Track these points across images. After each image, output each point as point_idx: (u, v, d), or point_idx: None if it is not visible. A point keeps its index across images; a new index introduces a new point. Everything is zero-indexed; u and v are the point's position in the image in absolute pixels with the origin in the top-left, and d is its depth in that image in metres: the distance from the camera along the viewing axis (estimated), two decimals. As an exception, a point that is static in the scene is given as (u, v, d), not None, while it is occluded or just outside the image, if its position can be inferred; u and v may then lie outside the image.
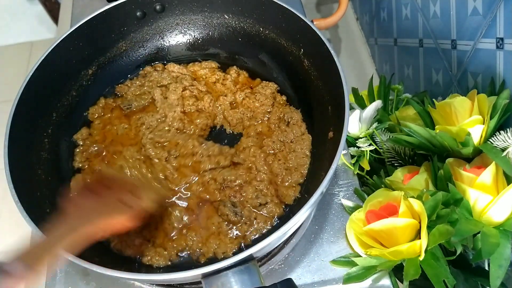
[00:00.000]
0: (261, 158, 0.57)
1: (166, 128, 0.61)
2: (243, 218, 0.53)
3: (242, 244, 0.52)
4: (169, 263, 0.51)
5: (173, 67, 0.68)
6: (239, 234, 0.52)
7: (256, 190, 0.54)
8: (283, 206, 0.54)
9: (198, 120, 0.62)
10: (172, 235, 0.53)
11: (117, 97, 0.66)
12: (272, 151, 0.58)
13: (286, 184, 0.55)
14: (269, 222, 0.53)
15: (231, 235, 0.52)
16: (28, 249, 0.35)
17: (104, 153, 0.60)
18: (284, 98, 0.64)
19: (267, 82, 0.65)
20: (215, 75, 0.67)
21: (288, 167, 0.56)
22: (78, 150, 0.60)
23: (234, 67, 0.68)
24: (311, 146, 0.58)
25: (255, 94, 0.64)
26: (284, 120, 0.61)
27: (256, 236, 0.52)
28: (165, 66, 0.69)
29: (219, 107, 0.64)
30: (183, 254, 0.52)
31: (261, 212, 0.53)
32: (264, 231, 0.52)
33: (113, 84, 0.68)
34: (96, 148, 0.60)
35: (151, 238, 0.52)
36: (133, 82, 0.67)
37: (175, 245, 0.52)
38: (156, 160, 0.58)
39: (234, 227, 0.52)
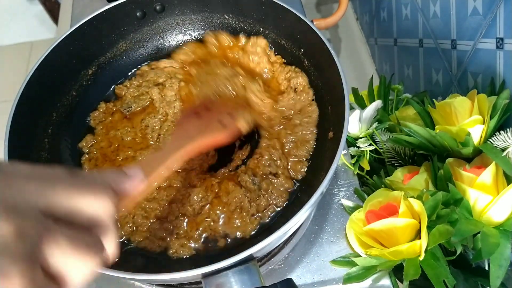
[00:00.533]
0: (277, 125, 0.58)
1: (171, 125, 0.61)
2: (261, 190, 0.53)
3: (259, 223, 0.52)
4: (194, 252, 0.50)
5: (164, 63, 0.68)
6: (257, 211, 0.52)
7: (271, 158, 0.55)
8: (294, 181, 0.54)
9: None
10: (193, 218, 0.52)
11: (116, 99, 0.66)
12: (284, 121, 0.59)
13: (293, 158, 0.56)
14: (284, 196, 0.53)
15: (252, 212, 0.52)
16: (145, 161, 0.44)
17: (114, 159, 0.59)
18: (280, 57, 0.65)
19: (255, 37, 0.66)
20: (199, 52, 0.67)
21: (293, 141, 0.57)
22: (84, 158, 0.59)
23: (210, 33, 0.68)
24: (317, 120, 0.58)
25: (247, 54, 0.64)
26: (291, 87, 0.61)
27: (273, 213, 0.52)
28: (157, 64, 0.68)
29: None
30: (206, 238, 0.51)
31: (274, 185, 0.54)
32: (279, 208, 0.53)
33: (113, 84, 0.67)
34: (103, 154, 0.60)
35: (174, 229, 0.52)
36: (132, 82, 0.67)
37: (198, 231, 0.51)
38: None
39: (254, 203, 0.52)
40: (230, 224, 0.52)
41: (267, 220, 0.52)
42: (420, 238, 0.45)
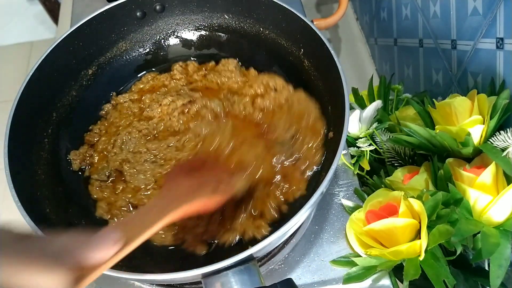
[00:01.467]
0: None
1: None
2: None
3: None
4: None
5: (123, 98, 0.65)
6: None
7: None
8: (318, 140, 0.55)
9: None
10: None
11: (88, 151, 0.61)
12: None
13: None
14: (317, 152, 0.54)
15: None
16: (126, 222, 0.35)
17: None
18: (253, 70, 0.66)
19: (226, 59, 0.67)
20: (161, 80, 0.66)
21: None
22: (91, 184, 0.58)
23: (178, 63, 0.68)
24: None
25: (219, 72, 0.65)
26: (270, 88, 0.62)
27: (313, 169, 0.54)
28: (116, 106, 0.65)
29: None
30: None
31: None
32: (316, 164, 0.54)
33: (113, 84, 0.67)
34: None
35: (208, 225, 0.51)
36: (99, 128, 0.63)
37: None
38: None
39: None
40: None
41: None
42: (420, 238, 0.45)
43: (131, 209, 0.55)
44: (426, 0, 0.69)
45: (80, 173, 0.59)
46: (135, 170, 0.57)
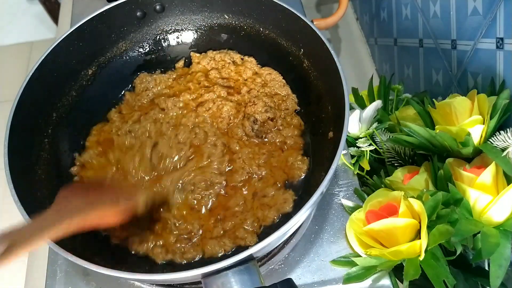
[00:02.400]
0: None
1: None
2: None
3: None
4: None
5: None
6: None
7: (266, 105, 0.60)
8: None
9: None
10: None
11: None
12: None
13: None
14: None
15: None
16: (16, 230, 0.35)
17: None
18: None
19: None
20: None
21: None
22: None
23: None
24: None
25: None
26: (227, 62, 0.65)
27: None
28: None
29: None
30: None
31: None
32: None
33: (113, 84, 0.67)
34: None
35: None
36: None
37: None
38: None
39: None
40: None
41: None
42: (420, 238, 0.45)
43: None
44: (426, 0, 0.69)
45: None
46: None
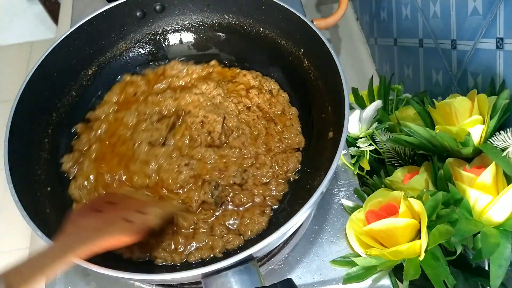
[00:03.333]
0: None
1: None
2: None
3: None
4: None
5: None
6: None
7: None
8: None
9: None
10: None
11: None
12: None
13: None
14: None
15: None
16: (15, 267, 0.32)
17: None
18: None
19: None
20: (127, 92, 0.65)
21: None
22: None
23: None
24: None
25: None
26: (265, 90, 0.63)
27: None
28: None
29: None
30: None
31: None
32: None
33: (113, 84, 0.67)
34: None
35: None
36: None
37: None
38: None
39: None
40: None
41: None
42: (420, 238, 0.45)
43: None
44: (426, 0, 0.69)
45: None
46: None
